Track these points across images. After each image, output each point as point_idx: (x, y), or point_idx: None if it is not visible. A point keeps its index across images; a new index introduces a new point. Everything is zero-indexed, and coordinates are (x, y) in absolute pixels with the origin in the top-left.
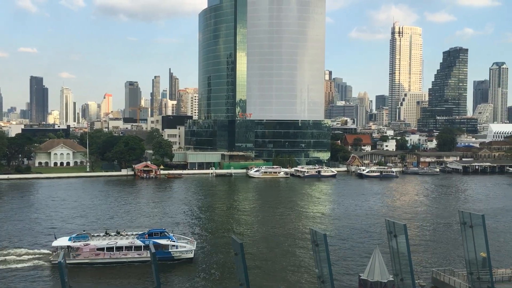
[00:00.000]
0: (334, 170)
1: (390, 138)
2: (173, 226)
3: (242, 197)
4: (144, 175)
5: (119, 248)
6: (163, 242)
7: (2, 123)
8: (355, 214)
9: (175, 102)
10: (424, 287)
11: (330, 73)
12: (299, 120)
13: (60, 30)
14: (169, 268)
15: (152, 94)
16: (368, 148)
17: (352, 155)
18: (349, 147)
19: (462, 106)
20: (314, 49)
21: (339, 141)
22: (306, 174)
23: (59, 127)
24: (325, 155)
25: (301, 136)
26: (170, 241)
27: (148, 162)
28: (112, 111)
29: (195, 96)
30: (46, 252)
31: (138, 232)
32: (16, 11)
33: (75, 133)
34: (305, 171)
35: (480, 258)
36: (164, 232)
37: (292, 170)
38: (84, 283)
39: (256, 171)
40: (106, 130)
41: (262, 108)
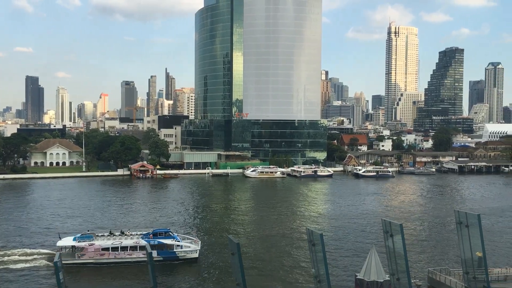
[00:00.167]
0: (331, 170)
1: (386, 138)
2: (169, 225)
3: (238, 197)
4: (141, 175)
5: (124, 248)
6: (168, 242)
7: None
8: (351, 214)
9: (171, 102)
10: (420, 286)
11: (327, 73)
12: (295, 120)
13: (56, 30)
14: (173, 268)
15: (148, 94)
16: (364, 148)
17: (348, 155)
18: (345, 147)
19: (458, 106)
20: (310, 49)
21: (335, 141)
22: (302, 174)
23: (55, 126)
24: (321, 155)
25: (297, 136)
26: (175, 241)
27: (145, 162)
28: (108, 111)
29: (192, 96)
30: (44, 252)
31: (143, 232)
32: (12, 11)
33: (71, 133)
34: (301, 171)
35: (476, 257)
36: (169, 232)
37: (289, 170)
38: (87, 283)
39: (252, 171)
40: (102, 130)
41: (259, 108)
